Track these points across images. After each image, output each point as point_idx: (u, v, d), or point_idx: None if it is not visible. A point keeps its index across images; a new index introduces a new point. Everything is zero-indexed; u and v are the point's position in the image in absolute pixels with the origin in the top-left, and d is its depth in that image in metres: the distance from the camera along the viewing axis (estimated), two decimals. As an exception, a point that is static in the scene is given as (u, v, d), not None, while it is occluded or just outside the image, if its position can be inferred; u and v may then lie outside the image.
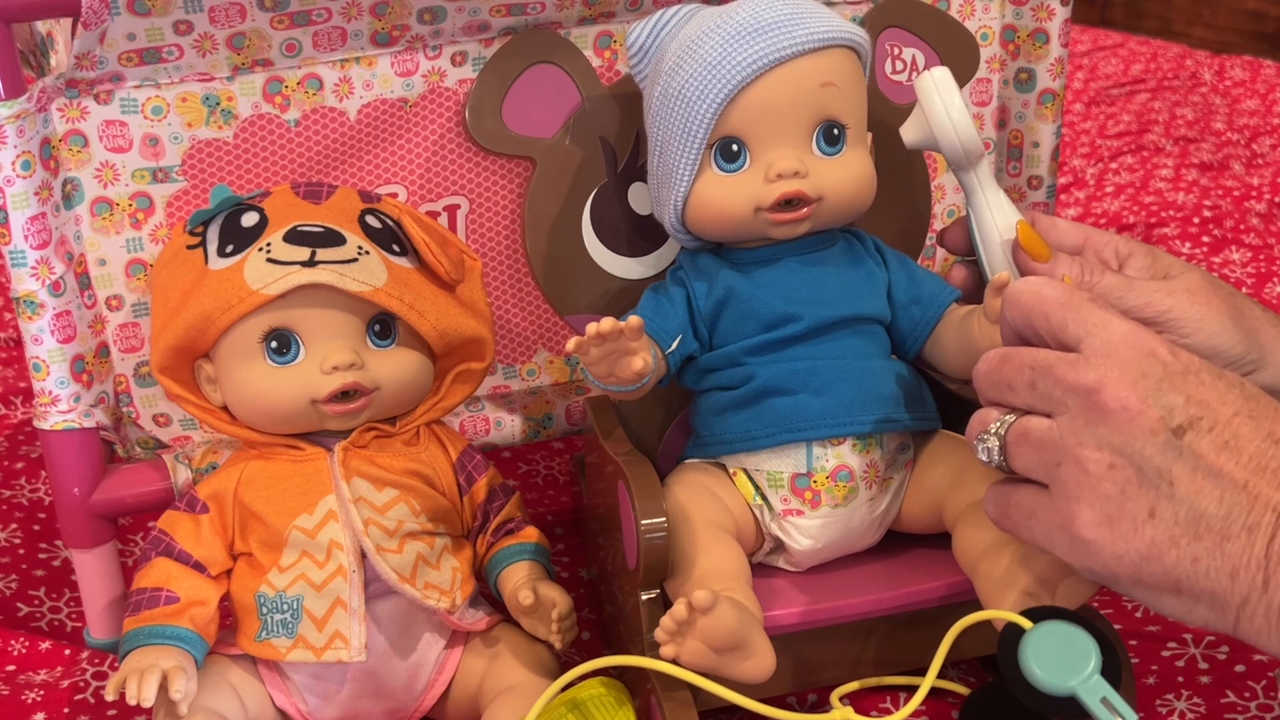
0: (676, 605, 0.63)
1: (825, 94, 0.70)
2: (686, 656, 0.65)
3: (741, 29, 0.69)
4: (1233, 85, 1.81)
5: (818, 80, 0.70)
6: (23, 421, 1.06)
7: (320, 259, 0.68)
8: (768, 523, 0.74)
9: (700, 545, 0.70)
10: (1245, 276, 1.25)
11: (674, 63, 0.71)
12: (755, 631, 0.65)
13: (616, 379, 0.68)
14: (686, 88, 0.70)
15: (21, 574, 0.89)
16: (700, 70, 0.70)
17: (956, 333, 0.74)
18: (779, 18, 0.70)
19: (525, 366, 0.88)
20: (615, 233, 0.82)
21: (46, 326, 0.73)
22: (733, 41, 0.69)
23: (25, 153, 0.70)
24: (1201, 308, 0.70)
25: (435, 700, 0.74)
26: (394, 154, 0.80)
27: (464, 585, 0.72)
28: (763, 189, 0.70)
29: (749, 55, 0.69)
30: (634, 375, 0.67)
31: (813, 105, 0.70)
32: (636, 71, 0.76)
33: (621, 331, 0.65)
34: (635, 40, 0.75)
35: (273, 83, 0.76)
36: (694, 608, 0.63)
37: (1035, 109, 0.90)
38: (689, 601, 0.63)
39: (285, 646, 0.69)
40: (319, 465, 0.71)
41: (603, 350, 0.66)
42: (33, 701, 0.78)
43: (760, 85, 0.70)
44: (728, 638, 0.64)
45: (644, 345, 0.68)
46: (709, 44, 0.70)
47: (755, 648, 0.65)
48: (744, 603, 0.66)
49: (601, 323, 0.65)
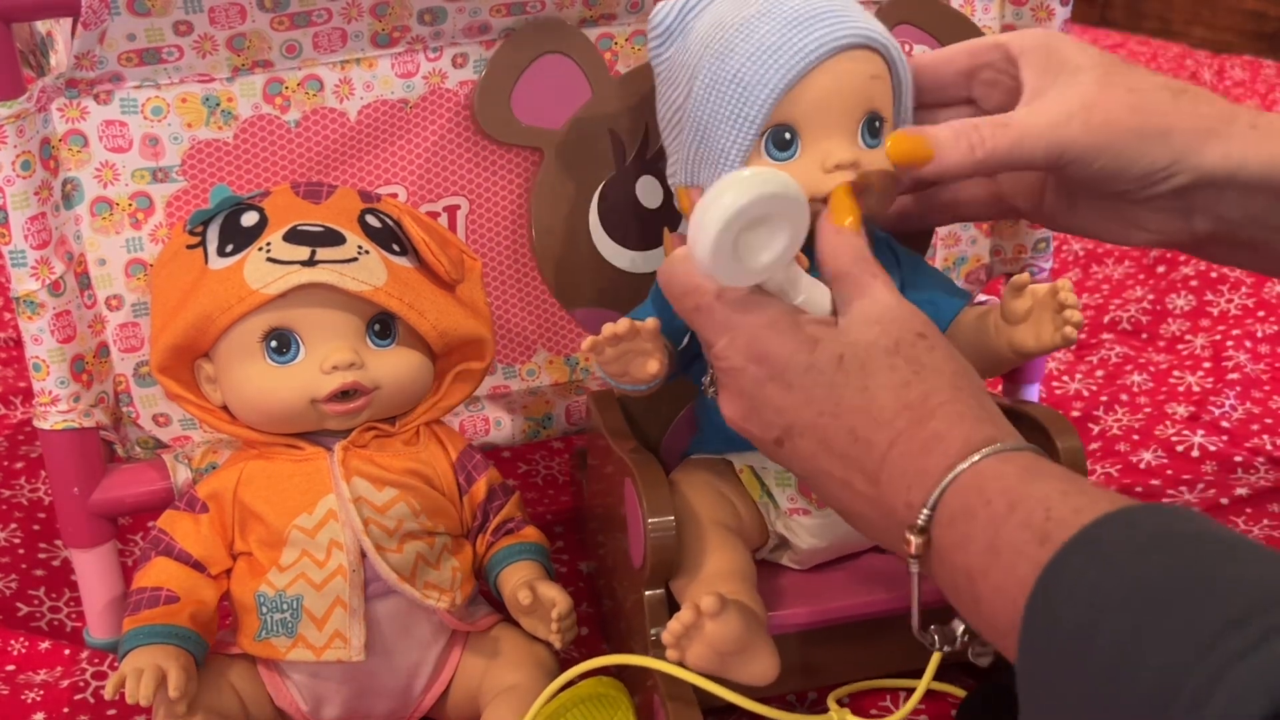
0: (684, 610, 0.63)
1: (873, 86, 0.69)
2: (692, 660, 0.64)
3: (797, 15, 0.67)
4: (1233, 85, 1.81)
5: (868, 72, 0.69)
6: (23, 421, 1.06)
7: (320, 258, 0.68)
8: (773, 520, 0.74)
9: (706, 545, 0.70)
10: (1245, 275, 1.25)
11: (722, 46, 0.68)
12: (761, 635, 0.65)
13: (631, 378, 0.68)
14: (743, 71, 0.67)
15: (21, 574, 0.89)
16: (758, 54, 0.67)
17: (971, 333, 0.73)
18: (832, 7, 0.68)
19: (525, 366, 0.88)
20: (622, 226, 0.82)
21: (46, 326, 0.73)
22: (792, 26, 0.67)
23: (25, 153, 0.70)
24: (1098, 133, 0.65)
25: (435, 700, 0.74)
26: (394, 155, 0.80)
27: (464, 585, 0.72)
28: (819, 179, 0.69)
29: (809, 41, 0.67)
30: (649, 376, 0.67)
31: (863, 96, 0.69)
32: (657, 54, 0.73)
33: (637, 333, 0.65)
34: (662, 21, 0.71)
35: (273, 84, 0.76)
36: (701, 612, 0.63)
37: (1035, 109, 0.90)
38: (696, 606, 0.63)
39: (285, 646, 0.69)
40: (319, 465, 0.71)
41: (618, 350, 0.66)
42: (32, 701, 0.78)
43: (818, 73, 0.67)
44: (734, 642, 0.64)
45: (659, 346, 0.67)
46: (765, 27, 0.67)
47: (760, 651, 0.65)
48: (750, 605, 0.66)
49: (618, 324, 0.65)
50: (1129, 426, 1.05)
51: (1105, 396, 1.09)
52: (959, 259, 0.95)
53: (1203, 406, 1.06)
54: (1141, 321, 1.21)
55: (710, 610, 0.63)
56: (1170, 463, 0.99)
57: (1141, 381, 1.11)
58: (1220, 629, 0.41)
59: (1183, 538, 0.46)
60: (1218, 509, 0.93)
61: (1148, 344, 1.18)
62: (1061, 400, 1.09)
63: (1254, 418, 1.05)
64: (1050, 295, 0.67)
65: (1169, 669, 0.41)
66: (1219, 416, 1.05)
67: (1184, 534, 0.46)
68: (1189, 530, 0.46)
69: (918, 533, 0.54)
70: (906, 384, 0.56)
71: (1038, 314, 0.68)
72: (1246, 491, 0.94)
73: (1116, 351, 1.17)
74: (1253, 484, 0.95)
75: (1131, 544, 0.46)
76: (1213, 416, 1.05)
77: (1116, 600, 0.44)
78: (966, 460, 0.53)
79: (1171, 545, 0.45)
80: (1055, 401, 1.09)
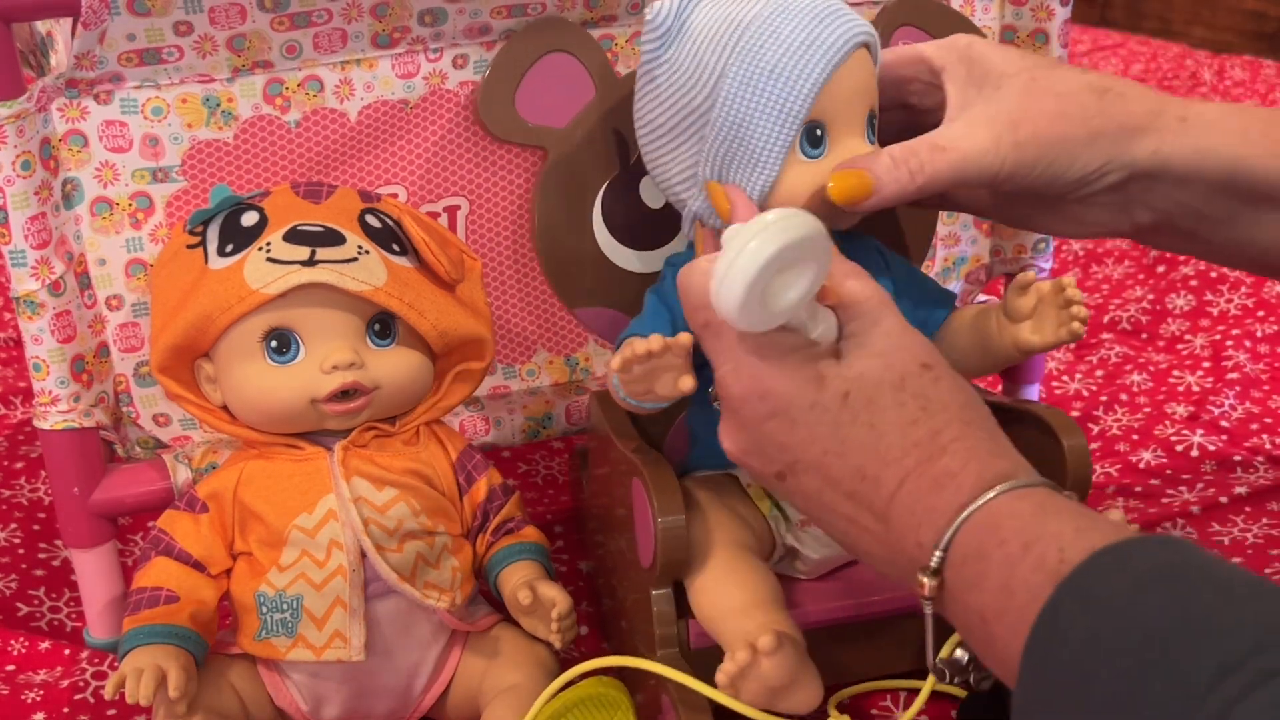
0: (739, 651, 0.63)
1: (873, 83, 0.70)
2: (746, 697, 0.64)
3: (816, 11, 0.67)
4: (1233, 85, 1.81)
5: (871, 70, 0.69)
6: (23, 421, 1.06)
7: (320, 258, 0.68)
8: (783, 533, 0.74)
9: (734, 571, 0.69)
10: (1245, 275, 1.25)
11: (750, 42, 0.67)
12: (805, 664, 0.65)
13: (655, 396, 0.66)
14: (781, 64, 0.66)
15: (21, 574, 0.89)
16: (794, 48, 0.66)
17: (969, 333, 0.73)
18: (838, 5, 0.68)
19: (525, 366, 0.88)
20: (626, 226, 0.82)
21: (46, 326, 0.73)
22: (817, 22, 0.67)
23: (25, 152, 0.70)
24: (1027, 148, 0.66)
25: (435, 700, 0.74)
26: (394, 155, 0.80)
27: (463, 585, 0.72)
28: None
29: (837, 36, 0.67)
30: (679, 393, 0.65)
31: (871, 93, 0.69)
32: (656, 56, 0.71)
33: (668, 349, 0.64)
34: (661, 22, 0.70)
35: (273, 84, 0.76)
36: (758, 651, 0.62)
37: (1035, 109, 0.90)
38: (753, 646, 0.62)
39: (285, 646, 0.69)
40: (319, 464, 0.71)
41: (646, 368, 0.65)
42: (32, 701, 0.78)
43: (845, 69, 0.67)
44: (787, 676, 0.64)
45: (689, 362, 0.65)
46: (790, 24, 0.67)
47: (806, 680, 0.65)
48: (792, 634, 0.66)
49: (650, 340, 0.63)
50: (1129, 426, 1.05)
51: (1105, 396, 1.09)
52: (959, 259, 0.95)
53: (1202, 406, 1.06)
54: (1141, 321, 1.21)
55: (767, 649, 0.62)
56: (1170, 462, 0.99)
57: (1141, 381, 1.11)
58: (1215, 674, 0.40)
59: (1175, 575, 0.45)
60: (1217, 508, 0.93)
61: (1147, 344, 1.18)
62: (1061, 400, 1.09)
63: (1253, 417, 1.05)
64: (1055, 292, 0.67)
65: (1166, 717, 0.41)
66: (1218, 416, 1.05)
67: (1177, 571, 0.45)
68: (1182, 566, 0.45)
69: (931, 574, 0.53)
70: (914, 421, 0.55)
71: (1042, 310, 0.68)
72: (1245, 490, 0.94)
73: (1116, 351, 1.17)
74: (1252, 483, 0.95)
75: (1125, 585, 0.45)
76: (1212, 416, 1.05)
77: (1111, 647, 0.43)
78: (980, 498, 0.52)
79: (1165, 584, 0.44)
80: (1055, 401, 1.09)
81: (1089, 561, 0.47)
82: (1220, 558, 0.47)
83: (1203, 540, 0.90)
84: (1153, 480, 0.98)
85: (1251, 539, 0.89)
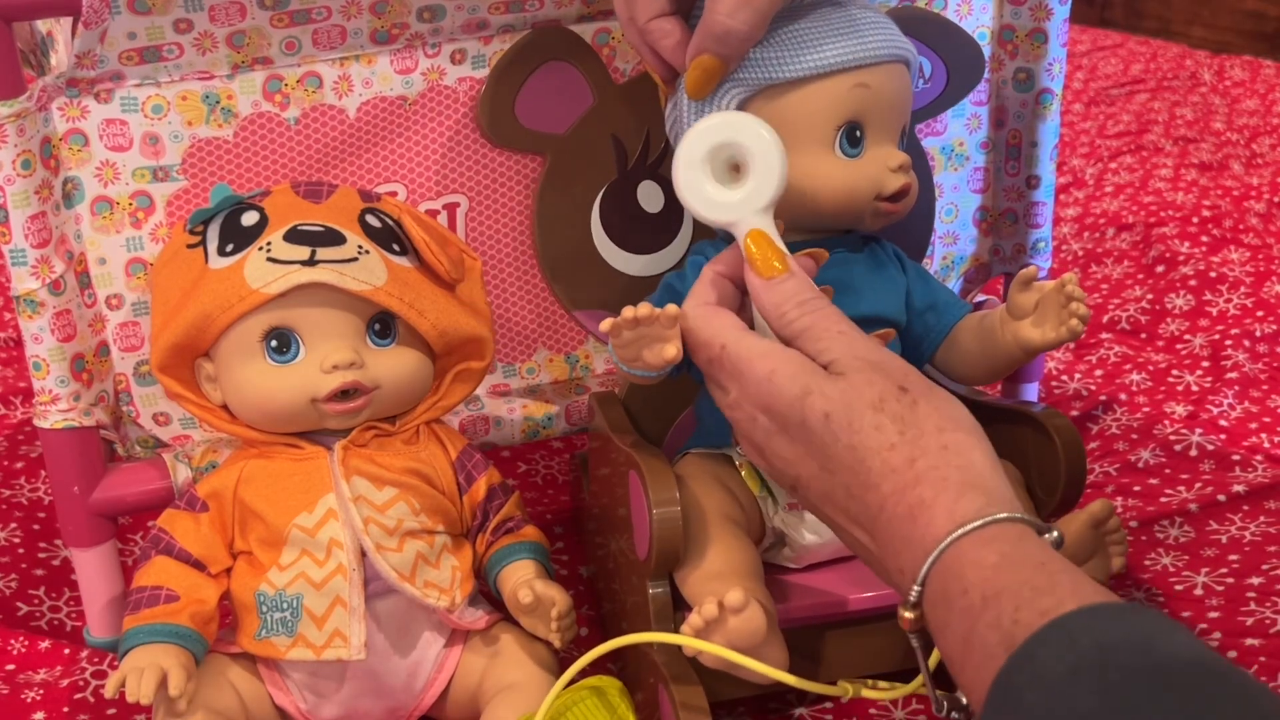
0: (707, 603, 0.63)
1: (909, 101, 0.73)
2: (708, 655, 0.64)
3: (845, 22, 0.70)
4: (1232, 85, 1.81)
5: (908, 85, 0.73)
6: (23, 421, 1.06)
7: (320, 258, 0.68)
8: (771, 515, 0.74)
9: (716, 539, 0.70)
10: (1244, 275, 1.25)
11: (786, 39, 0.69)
12: (774, 634, 0.65)
13: (644, 364, 0.67)
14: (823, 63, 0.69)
15: (21, 573, 0.89)
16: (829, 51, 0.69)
17: (974, 337, 0.74)
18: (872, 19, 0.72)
19: (525, 365, 0.88)
20: (624, 229, 0.83)
21: (46, 325, 0.73)
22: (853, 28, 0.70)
23: (25, 151, 0.70)
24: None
25: (435, 699, 0.74)
26: (394, 152, 0.80)
27: (463, 584, 0.72)
28: (886, 177, 0.71)
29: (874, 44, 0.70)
30: (665, 362, 0.66)
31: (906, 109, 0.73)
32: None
33: (655, 318, 0.65)
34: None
35: (272, 81, 0.76)
36: (725, 607, 0.63)
37: (1034, 109, 0.90)
38: (721, 600, 0.63)
39: (285, 645, 0.69)
40: (319, 464, 0.71)
41: (635, 334, 0.66)
42: (32, 701, 0.78)
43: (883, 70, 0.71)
44: (753, 638, 0.64)
45: (676, 332, 0.67)
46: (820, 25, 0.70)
47: (772, 652, 0.65)
48: (765, 604, 0.66)
49: (638, 307, 0.65)
50: (1128, 425, 1.05)
51: (1104, 396, 1.09)
52: (958, 257, 0.95)
53: (1201, 405, 1.06)
54: (1140, 321, 1.21)
55: (735, 605, 0.62)
56: (1168, 461, 1.00)
57: (1140, 381, 1.12)
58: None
59: (1117, 660, 0.44)
60: (1215, 507, 0.93)
61: (1147, 343, 1.18)
62: (1061, 400, 1.10)
63: (1252, 416, 1.05)
64: (1057, 288, 0.68)
65: None
66: (1217, 415, 1.05)
67: (1119, 654, 0.45)
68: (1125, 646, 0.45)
69: (910, 608, 0.54)
70: (892, 446, 0.56)
71: (1044, 307, 0.69)
72: (1244, 489, 0.94)
73: (1115, 351, 1.17)
74: (1250, 482, 0.95)
75: (1066, 665, 0.45)
76: (1211, 415, 1.05)
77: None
78: (947, 538, 0.52)
79: (1104, 669, 0.44)
80: (1055, 401, 1.09)
81: (1039, 635, 0.47)
82: (1173, 627, 0.46)
83: (1201, 538, 0.90)
84: (1151, 479, 0.98)
85: (1249, 537, 0.89)
